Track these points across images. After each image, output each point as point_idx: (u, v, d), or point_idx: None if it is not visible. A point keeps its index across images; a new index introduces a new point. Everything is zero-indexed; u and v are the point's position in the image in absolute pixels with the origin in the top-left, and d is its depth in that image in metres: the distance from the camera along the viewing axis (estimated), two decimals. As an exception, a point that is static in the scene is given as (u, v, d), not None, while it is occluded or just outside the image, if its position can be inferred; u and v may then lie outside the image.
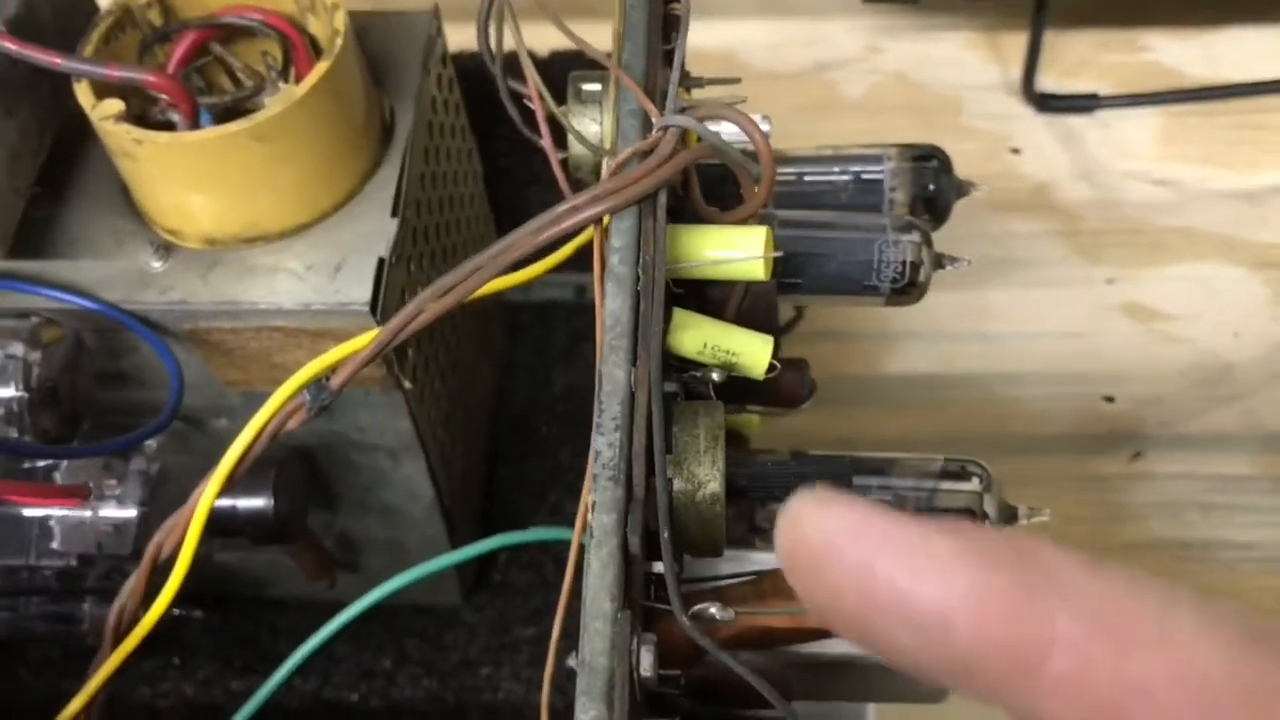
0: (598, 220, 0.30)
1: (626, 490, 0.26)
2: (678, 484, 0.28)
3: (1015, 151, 0.67)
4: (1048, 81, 0.69)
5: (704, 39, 0.35)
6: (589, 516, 0.25)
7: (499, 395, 0.58)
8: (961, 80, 0.71)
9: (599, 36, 0.39)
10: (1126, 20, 0.71)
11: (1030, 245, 0.64)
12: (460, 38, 0.49)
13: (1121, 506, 0.56)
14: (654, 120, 0.31)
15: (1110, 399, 0.59)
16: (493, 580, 0.53)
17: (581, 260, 0.33)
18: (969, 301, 0.62)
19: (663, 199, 0.30)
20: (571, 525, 0.29)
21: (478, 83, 0.47)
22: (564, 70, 0.38)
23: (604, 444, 0.26)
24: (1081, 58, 0.71)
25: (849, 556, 0.16)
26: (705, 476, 0.28)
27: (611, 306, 0.29)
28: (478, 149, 0.53)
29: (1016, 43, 0.70)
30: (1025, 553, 0.16)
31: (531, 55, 0.36)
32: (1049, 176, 0.67)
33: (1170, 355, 0.60)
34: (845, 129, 0.69)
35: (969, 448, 0.59)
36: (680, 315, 0.31)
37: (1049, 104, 0.69)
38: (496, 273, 0.31)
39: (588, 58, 0.35)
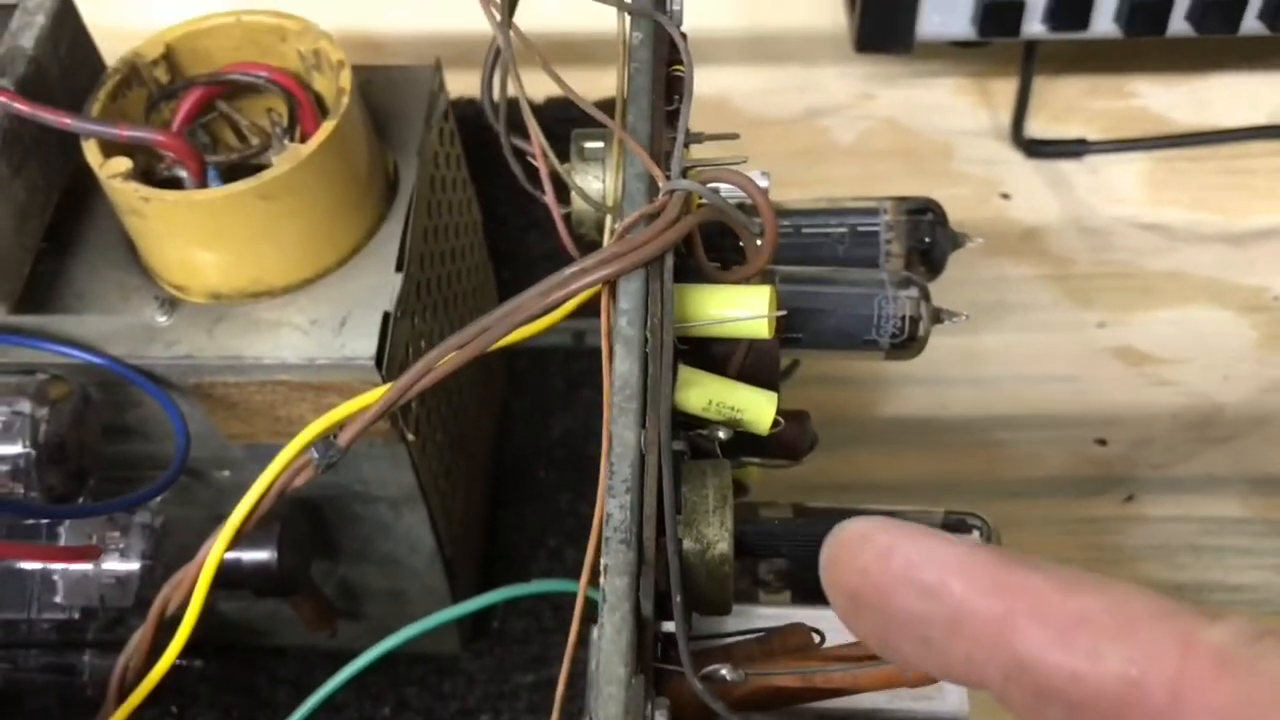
0: (605, 282, 0.31)
1: (638, 553, 0.26)
2: (687, 544, 0.28)
3: (1005, 196, 0.68)
4: (1037, 127, 0.70)
5: (696, 85, 0.36)
6: (602, 580, 0.25)
7: (497, 440, 0.58)
8: (952, 126, 0.71)
9: (599, 84, 0.40)
10: (1114, 67, 0.72)
11: (1021, 289, 0.65)
12: (456, 84, 0.50)
13: (1114, 549, 0.57)
14: (660, 184, 0.32)
15: (1102, 442, 0.60)
16: (491, 628, 0.53)
17: (580, 306, 0.33)
18: (962, 345, 0.62)
19: (669, 261, 0.30)
20: (571, 572, 0.29)
21: (476, 130, 0.47)
22: (559, 116, 0.39)
23: (615, 506, 0.27)
24: (1070, 104, 0.72)
25: (878, 540, 0.22)
26: (714, 537, 0.28)
27: (620, 368, 0.29)
28: (476, 196, 0.53)
29: (1006, 89, 0.71)
30: (1001, 548, 0.22)
31: (530, 104, 0.36)
32: (1039, 221, 0.67)
33: (1161, 398, 0.61)
34: (837, 174, 0.70)
35: (962, 490, 0.60)
36: (685, 372, 0.32)
37: (1038, 149, 0.69)
38: (504, 333, 0.31)
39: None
